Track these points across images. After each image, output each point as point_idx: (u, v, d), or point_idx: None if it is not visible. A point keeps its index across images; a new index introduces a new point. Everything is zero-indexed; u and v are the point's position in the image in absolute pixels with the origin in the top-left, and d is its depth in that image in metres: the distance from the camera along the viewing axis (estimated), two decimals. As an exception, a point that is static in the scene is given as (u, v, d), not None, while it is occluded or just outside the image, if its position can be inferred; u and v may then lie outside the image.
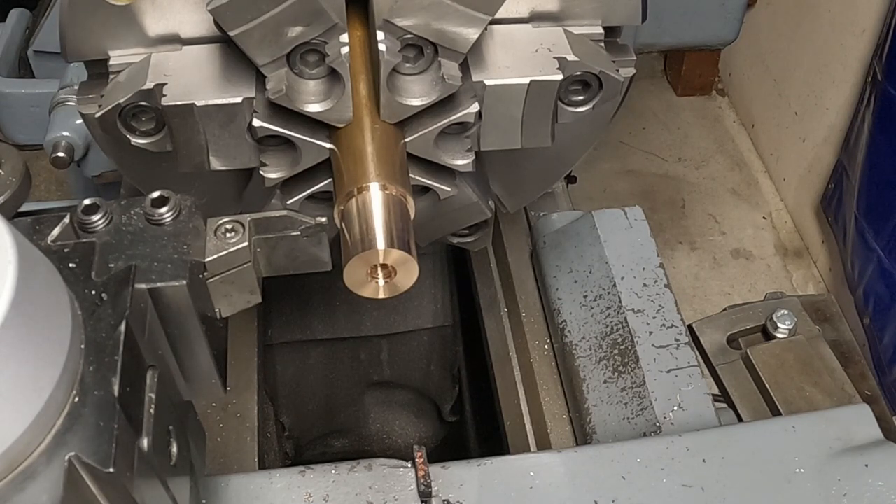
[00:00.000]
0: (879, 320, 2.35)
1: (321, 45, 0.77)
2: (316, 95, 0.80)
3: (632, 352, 1.00)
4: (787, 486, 0.80)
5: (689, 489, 0.80)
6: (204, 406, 1.03)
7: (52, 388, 0.49)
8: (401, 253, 0.74)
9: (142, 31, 0.82)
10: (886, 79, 2.28)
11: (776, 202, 3.14)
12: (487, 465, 0.82)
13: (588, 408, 1.01)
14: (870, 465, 0.81)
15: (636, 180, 3.20)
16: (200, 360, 0.70)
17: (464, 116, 0.81)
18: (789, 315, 1.05)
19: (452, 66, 0.79)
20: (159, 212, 0.67)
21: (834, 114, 2.70)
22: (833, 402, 0.98)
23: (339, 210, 0.78)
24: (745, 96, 3.37)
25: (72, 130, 1.34)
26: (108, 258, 0.64)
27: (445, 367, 1.64)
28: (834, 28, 2.67)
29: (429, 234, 0.99)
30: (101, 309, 0.56)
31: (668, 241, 2.97)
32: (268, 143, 0.83)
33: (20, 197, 0.71)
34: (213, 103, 0.80)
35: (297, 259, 0.74)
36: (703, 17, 1.59)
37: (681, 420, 0.94)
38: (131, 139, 0.83)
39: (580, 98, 0.87)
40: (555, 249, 1.15)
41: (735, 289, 2.88)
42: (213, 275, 0.69)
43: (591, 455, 0.83)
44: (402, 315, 1.58)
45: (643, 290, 1.05)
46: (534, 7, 0.86)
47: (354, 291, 0.76)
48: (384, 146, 0.80)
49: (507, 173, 1.03)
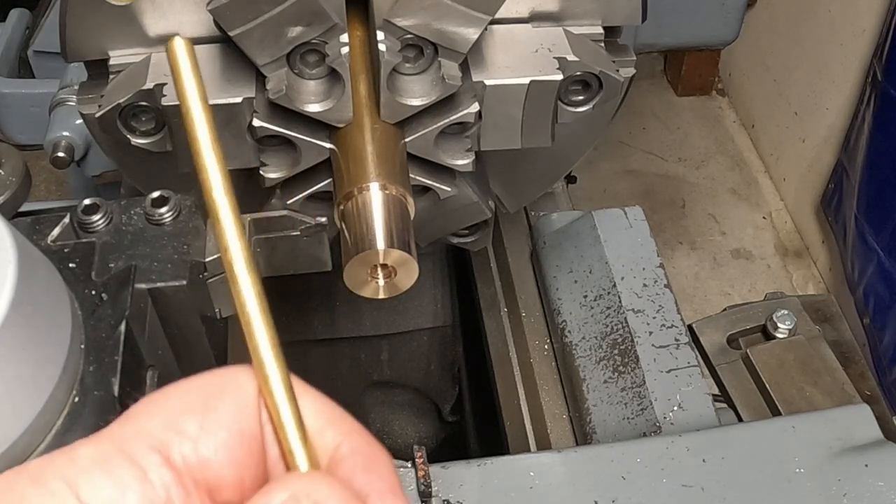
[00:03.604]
0: (879, 320, 2.35)
1: (321, 45, 0.77)
2: (316, 95, 0.80)
3: (632, 352, 1.00)
4: (787, 486, 0.80)
5: (689, 489, 0.80)
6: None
7: (52, 388, 0.49)
8: (401, 253, 0.74)
9: (142, 31, 0.82)
10: (886, 79, 2.27)
11: (776, 202, 3.14)
12: (487, 465, 0.82)
13: (588, 408, 1.01)
14: (870, 465, 0.81)
15: (636, 180, 3.20)
16: (200, 360, 0.71)
17: (464, 116, 0.81)
18: (789, 315, 1.05)
19: (452, 66, 0.79)
20: (159, 212, 0.67)
21: (834, 114, 2.70)
22: (833, 402, 0.98)
23: (339, 210, 0.78)
24: (745, 96, 3.37)
25: (72, 130, 1.34)
26: (108, 258, 0.64)
27: (445, 367, 1.64)
28: (834, 28, 2.66)
29: (429, 234, 0.99)
30: (101, 309, 0.56)
31: (668, 241, 2.97)
32: (268, 143, 0.83)
33: (20, 197, 0.71)
34: (213, 103, 0.79)
35: (297, 259, 0.74)
36: (702, 17, 1.59)
37: (681, 420, 0.94)
38: (131, 139, 0.83)
39: (580, 98, 0.87)
40: (555, 249, 1.15)
41: (735, 289, 2.88)
42: (213, 275, 0.69)
43: (591, 455, 0.83)
44: (402, 315, 1.58)
45: (643, 290, 1.05)
46: (534, 7, 0.86)
47: (354, 291, 0.76)
48: (384, 146, 0.80)
49: (507, 173, 1.03)
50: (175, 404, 0.36)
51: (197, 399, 0.36)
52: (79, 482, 0.33)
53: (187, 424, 0.35)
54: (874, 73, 2.35)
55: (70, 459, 0.34)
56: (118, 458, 0.34)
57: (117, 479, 0.33)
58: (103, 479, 0.33)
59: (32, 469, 0.34)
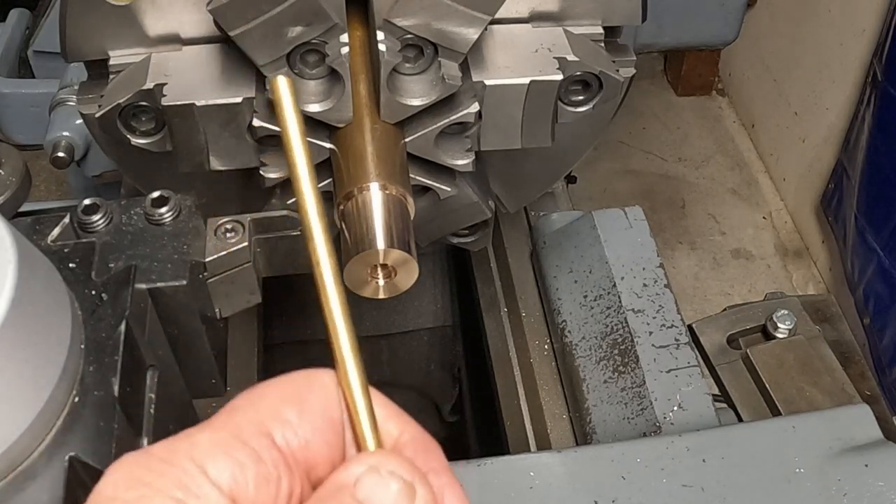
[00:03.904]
0: (879, 320, 2.35)
1: (321, 45, 0.77)
2: (316, 95, 0.80)
3: (632, 352, 1.00)
4: (787, 486, 0.80)
5: (689, 489, 0.80)
6: (204, 406, 1.03)
7: (52, 388, 0.49)
8: (401, 253, 0.74)
9: (142, 31, 0.82)
10: (886, 79, 2.27)
11: (776, 202, 3.14)
12: (487, 465, 0.82)
13: (588, 408, 1.01)
14: (870, 465, 0.81)
15: (636, 180, 3.20)
16: (200, 360, 0.71)
17: (464, 116, 0.81)
18: (789, 315, 1.05)
19: (452, 66, 0.79)
20: (159, 212, 0.67)
21: (834, 114, 2.70)
22: (833, 402, 0.98)
23: (339, 210, 0.78)
24: (745, 96, 3.37)
25: (72, 130, 1.34)
26: (108, 258, 0.64)
27: (445, 367, 1.64)
28: (834, 28, 2.66)
29: (429, 234, 0.99)
30: (101, 309, 0.56)
31: (668, 241, 2.97)
32: (268, 142, 0.83)
33: (20, 197, 0.71)
34: (213, 103, 0.80)
35: (297, 259, 0.74)
36: (702, 17, 1.59)
37: (681, 420, 0.94)
38: (131, 139, 0.83)
39: (580, 98, 0.87)
40: (555, 249, 1.15)
41: (735, 289, 2.88)
42: (213, 275, 0.69)
43: (591, 455, 0.83)
44: (402, 315, 1.58)
45: (643, 290, 1.05)
46: (534, 7, 0.86)
47: (354, 291, 0.76)
48: (384, 146, 0.80)
49: (507, 173, 1.03)
50: (274, 397, 0.42)
51: (291, 392, 0.43)
52: (205, 462, 0.38)
53: (288, 413, 0.41)
54: (874, 73, 2.35)
55: (192, 444, 0.39)
56: (235, 442, 0.39)
57: (236, 459, 0.39)
58: (225, 459, 0.39)
59: (159, 451, 0.39)
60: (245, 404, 0.42)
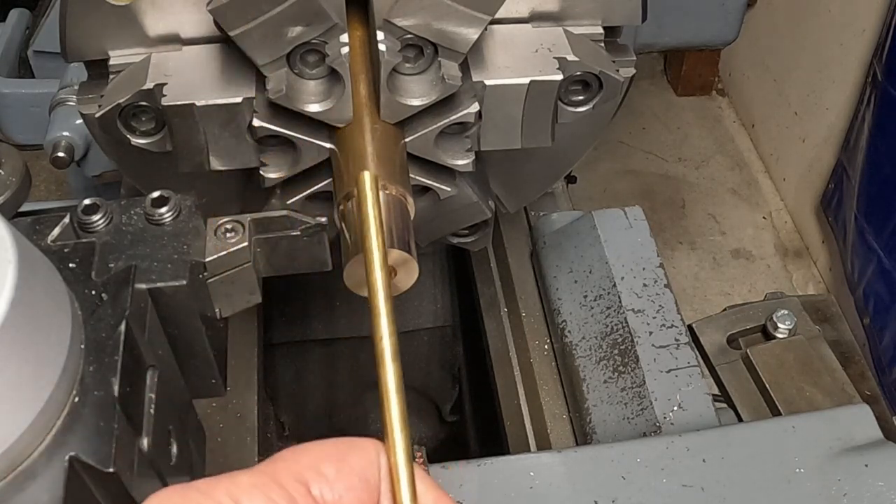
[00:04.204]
0: (879, 320, 2.35)
1: (321, 45, 0.77)
2: (316, 95, 0.80)
3: (632, 352, 1.00)
4: (787, 486, 0.80)
5: (689, 489, 0.80)
6: (204, 406, 1.03)
7: (52, 388, 0.49)
8: (401, 253, 0.74)
9: (142, 31, 0.82)
10: (886, 79, 2.28)
11: (776, 202, 3.14)
12: (487, 465, 0.82)
13: (588, 408, 1.01)
14: (870, 465, 0.81)
15: (636, 180, 3.20)
16: (200, 360, 0.70)
17: (464, 116, 0.81)
18: (789, 315, 1.05)
19: (452, 66, 0.79)
20: (159, 212, 0.67)
21: (834, 114, 2.70)
22: (833, 402, 0.98)
23: (339, 210, 0.78)
24: (745, 96, 3.37)
25: (72, 130, 1.34)
26: (108, 258, 0.64)
27: (445, 367, 1.64)
28: (834, 28, 2.67)
29: (429, 234, 0.99)
30: (101, 309, 0.56)
31: (668, 241, 2.97)
32: (268, 143, 0.83)
33: (20, 197, 0.71)
34: (213, 103, 0.80)
35: (297, 259, 0.74)
36: (702, 17, 1.59)
37: (681, 420, 0.94)
38: (131, 139, 0.83)
39: (580, 98, 0.87)
40: (555, 249, 1.15)
41: (735, 289, 2.88)
42: (213, 275, 0.69)
43: (591, 455, 0.83)
44: (402, 315, 1.57)
45: (643, 290, 1.05)
46: (534, 7, 0.86)
47: (354, 291, 0.76)
48: (384, 146, 0.80)
49: (507, 173, 1.03)
50: (315, 453, 0.46)
51: (333, 451, 0.47)
52: (241, 499, 0.42)
53: (326, 468, 0.45)
54: (874, 73, 2.35)
55: (232, 482, 0.43)
56: (272, 485, 0.43)
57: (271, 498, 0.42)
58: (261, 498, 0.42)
59: (201, 485, 0.42)
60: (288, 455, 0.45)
